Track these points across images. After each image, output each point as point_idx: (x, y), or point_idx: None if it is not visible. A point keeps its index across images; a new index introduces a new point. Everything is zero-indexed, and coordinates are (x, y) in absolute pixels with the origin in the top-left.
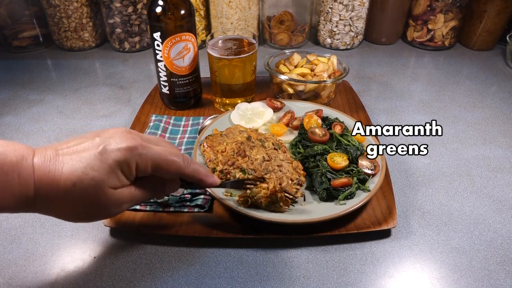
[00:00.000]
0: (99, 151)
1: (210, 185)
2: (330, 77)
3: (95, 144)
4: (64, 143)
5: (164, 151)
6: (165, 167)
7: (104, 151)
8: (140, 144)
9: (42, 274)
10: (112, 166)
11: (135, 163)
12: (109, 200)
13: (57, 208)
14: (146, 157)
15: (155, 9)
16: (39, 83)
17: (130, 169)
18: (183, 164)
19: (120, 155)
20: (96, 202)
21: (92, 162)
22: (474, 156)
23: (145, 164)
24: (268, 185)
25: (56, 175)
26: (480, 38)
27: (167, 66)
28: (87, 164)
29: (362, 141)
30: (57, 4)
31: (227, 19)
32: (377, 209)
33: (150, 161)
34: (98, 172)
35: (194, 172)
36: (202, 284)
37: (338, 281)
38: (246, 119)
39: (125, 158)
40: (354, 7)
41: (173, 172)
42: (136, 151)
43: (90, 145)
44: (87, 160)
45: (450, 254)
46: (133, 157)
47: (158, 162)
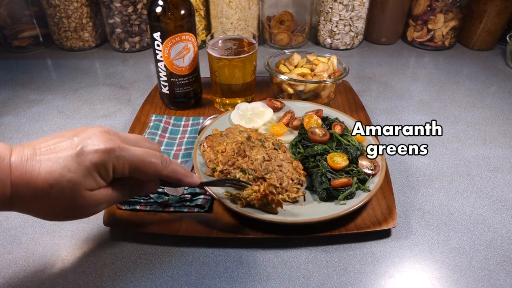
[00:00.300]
0: (77, 153)
1: (189, 185)
2: (330, 77)
3: (73, 145)
4: (42, 141)
5: (142, 152)
6: (143, 169)
7: (82, 152)
8: (118, 146)
9: (42, 274)
10: (89, 168)
11: (112, 165)
12: (86, 201)
13: (34, 208)
14: (124, 160)
15: (155, 9)
16: (39, 83)
17: (107, 171)
18: (161, 165)
19: (97, 157)
20: (73, 203)
21: (69, 163)
22: (474, 156)
23: (122, 166)
24: (259, 188)
25: (33, 176)
26: (480, 38)
27: (167, 66)
28: (64, 166)
29: (362, 141)
30: (57, 4)
31: (227, 19)
32: (377, 209)
33: (127, 163)
34: (75, 174)
35: (173, 173)
36: (202, 284)
37: (338, 281)
38: (246, 119)
39: (102, 160)
40: (354, 7)
41: (151, 174)
42: (113, 153)
43: (68, 145)
44: (64, 162)
45: (450, 254)
46: (110, 159)
47: (135, 164)
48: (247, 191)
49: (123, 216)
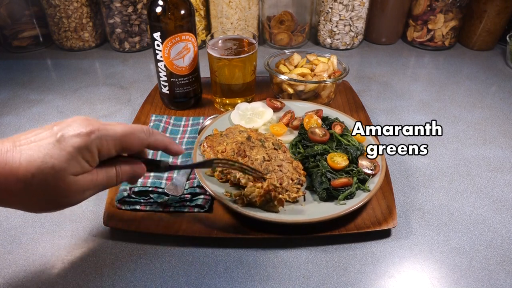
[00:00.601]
0: (57, 139)
1: (175, 153)
2: (330, 77)
3: (53, 133)
4: (22, 134)
5: (124, 128)
6: (129, 143)
7: (62, 138)
8: (97, 127)
9: (42, 274)
10: (71, 153)
11: (96, 147)
12: (71, 187)
13: (19, 201)
14: (107, 139)
15: (155, 9)
16: (39, 83)
17: (91, 154)
18: (145, 135)
19: (79, 141)
20: (58, 191)
21: (50, 150)
22: (474, 156)
23: (107, 146)
24: (263, 184)
25: (14, 167)
26: (480, 38)
27: (167, 66)
28: (45, 153)
29: (362, 141)
30: (57, 4)
31: (227, 19)
32: (377, 209)
33: (111, 141)
34: (57, 160)
35: (158, 141)
36: (202, 284)
37: (338, 281)
38: (246, 119)
39: (85, 143)
40: (354, 7)
41: (138, 146)
42: (95, 134)
43: (48, 134)
44: (46, 149)
45: (450, 254)
46: (93, 141)
47: (120, 140)
48: (250, 188)
49: (123, 216)
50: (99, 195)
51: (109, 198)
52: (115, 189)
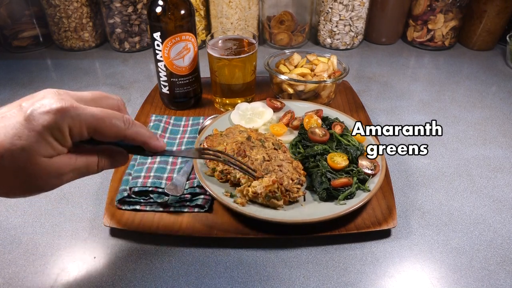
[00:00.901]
0: (26, 117)
1: (154, 149)
2: (330, 77)
3: (21, 111)
4: None
5: (100, 112)
6: (103, 129)
7: (31, 116)
8: (70, 105)
9: (42, 274)
10: (41, 132)
11: (67, 127)
12: (45, 170)
13: None
14: (80, 119)
15: (155, 9)
16: (39, 83)
17: (62, 134)
18: (123, 125)
19: (49, 119)
20: (30, 174)
21: (19, 130)
22: (474, 156)
23: (79, 127)
24: (270, 177)
25: None
26: (480, 38)
27: (167, 66)
28: (13, 134)
29: (362, 141)
30: (57, 4)
31: (227, 19)
32: (377, 209)
33: (84, 123)
34: (26, 141)
35: (136, 134)
36: (202, 284)
37: (338, 281)
38: (246, 119)
39: (55, 122)
40: (354, 7)
41: (113, 135)
42: (67, 113)
43: (15, 112)
44: (13, 130)
45: (450, 254)
46: (64, 120)
47: (94, 124)
48: (256, 181)
49: (123, 216)
50: (99, 195)
51: (109, 198)
52: (115, 189)
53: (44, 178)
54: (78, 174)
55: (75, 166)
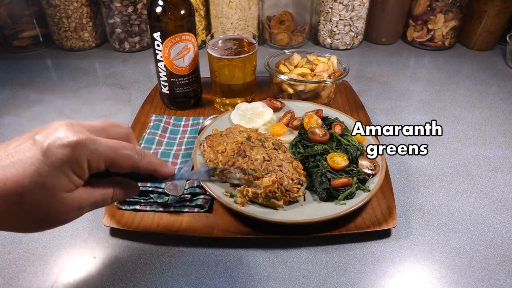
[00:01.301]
0: (43, 152)
1: (164, 175)
2: (330, 77)
3: (37, 144)
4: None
5: (115, 144)
6: (119, 162)
7: (49, 151)
8: (87, 138)
9: (42, 274)
10: (60, 167)
11: (86, 160)
12: (66, 206)
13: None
14: (98, 152)
15: (155, 9)
16: (39, 83)
17: (81, 168)
18: (137, 157)
19: (68, 153)
20: (51, 211)
21: (38, 166)
22: (474, 156)
23: (97, 160)
24: (270, 177)
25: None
26: (480, 38)
27: (167, 66)
28: (33, 171)
29: (362, 141)
30: (57, 4)
31: (227, 19)
32: (377, 209)
33: (102, 155)
34: (47, 177)
35: (149, 164)
36: (202, 284)
37: (338, 281)
38: (246, 119)
39: (74, 155)
40: (354, 7)
41: (128, 167)
42: (84, 146)
43: (30, 145)
44: (32, 165)
45: (450, 254)
46: (83, 153)
47: (111, 157)
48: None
49: (123, 216)
50: None
51: None
52: None
53: (66, 213)
54: (94, 206)
55: (93, 199)
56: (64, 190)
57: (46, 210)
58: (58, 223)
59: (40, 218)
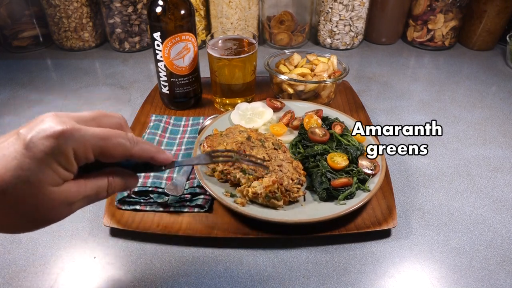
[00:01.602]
0: (25, 145)
1: (162, 162)
2: (330, 77)
3: (19, 138)
4: None
5: (104, 132)
6: (109, 149)
7: (31, 143)
8: (72, 127)
9: (42, 274)
10: (44, 159)
11: (71, 150)
12: (54, 200)
13: None
14: (84, 141)
15: (155, 9)
16: (39, 83)
17: (67, 159)
18: (129, 144)
19: (51, 144)
20: (39, 207)
21: (19, 160)
22: (474, 156)
23: (83, 149)
24: (270, 177)
25: None
26: (480, 38)
27: (167, 66)
28: (14, 166)
29: (362, 141)
30: (57, 4)
31: (227, 19)
32: (377, 209)
33: (89, 145)
34: (29, 171)
35: (143, 150)
36: (202, 284)
37: (338, 281)
38: (246, 119)
39: (58, 146)
40: (354, 7)
41: (119, 154)
42: (70, 135)
43: (13, 140)
44: (13, 160)
45: (450, 254)
46: (68, 143)
47: (99, 145)
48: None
49: (123, 216)
50: None
51: (109, 198)
52: None
53: (55, 209)
54: (88, 200)
55: (85, 193)
56: (51, 184)
57: (33, 206)
58: (48, 221)
59: (28, 216)
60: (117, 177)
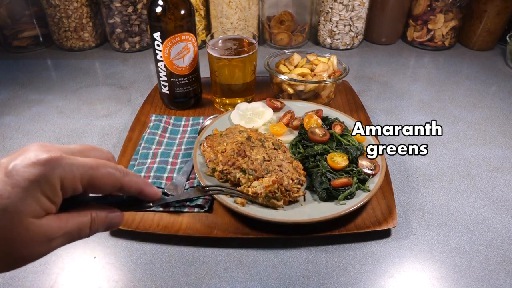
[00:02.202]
0: (7, 172)
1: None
2: (330, 77)
3: (2, 166)
4: None
5: (93, 161)
6: (98, 179)
7: (14, 171)
8: (60, 155)
9: (42, 274)
10: (27, 188)
11: (58, 179)
12: (33, 234)
13: None
14: (72, 169)
15: (155, 9)
16: (39, 83)
17: (53, 188)
18: (119, 173)
19: (36, 172)
20: (14, 241)
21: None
22: (474, 156)
23: (71, 178)
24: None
25: None
26: (480, 38)
27: (167, 66)
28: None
29: (362, 141)
30: (57, 4)
31: (227, 19)
32: (377, 209)
33: (77, 174)
34: (9, 199)
35: (133, 183)
36: (202, 284)
37: (338, 281)
38: (246, 119)
39: (44, 174)
40: (354, 7)
41: (110, 185)
42: (57, 163)
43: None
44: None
45: (450, 254)
46: (55, 171)
47: (88, 174)
48: (256, 181)
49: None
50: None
51: None
52: None
53: (31, 245)
54: (68, 239)
55: (66, 229)
56: (31, 215)
57: (8, 240)
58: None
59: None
60: (100, 213)
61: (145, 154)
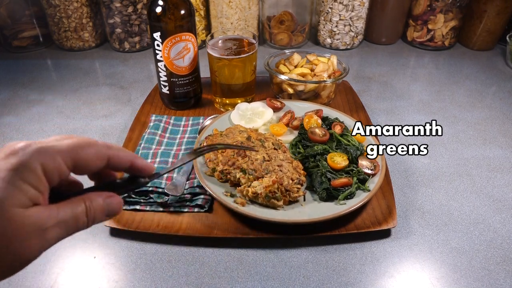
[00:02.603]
0: None
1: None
2: (330, 77)
3: None
4: None
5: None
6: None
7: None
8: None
9: (42, 274)
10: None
11: (39, 164)
12: (21, 224)
13: None
14: (53, 153)
15: (155, 9)
16: (39, 83)
17: (34, 174)
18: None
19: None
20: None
21: None
22: (474, 156)
23: (53, 162)
24: (270, 177)
25: None
26: (480, 38)
27: (167, 66)
28: None
29: (362, 141)
30: (57, 4)
31: (227, 19)
32: (377, 209)
33: (59, 156)
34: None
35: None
36: (202, 284)
37: (338, 281)
38: (246, 119)
39: (21, 161)
40: (354, 7)
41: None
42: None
43: None
44: None
45: (450, 254)
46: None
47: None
48: (256, 181)
49: (123, 216)
50: None
51: None
52: None
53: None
54: (65, 229)
55: (58, 218)
56: (15, 205)
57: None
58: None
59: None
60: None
61: (145, 154)
